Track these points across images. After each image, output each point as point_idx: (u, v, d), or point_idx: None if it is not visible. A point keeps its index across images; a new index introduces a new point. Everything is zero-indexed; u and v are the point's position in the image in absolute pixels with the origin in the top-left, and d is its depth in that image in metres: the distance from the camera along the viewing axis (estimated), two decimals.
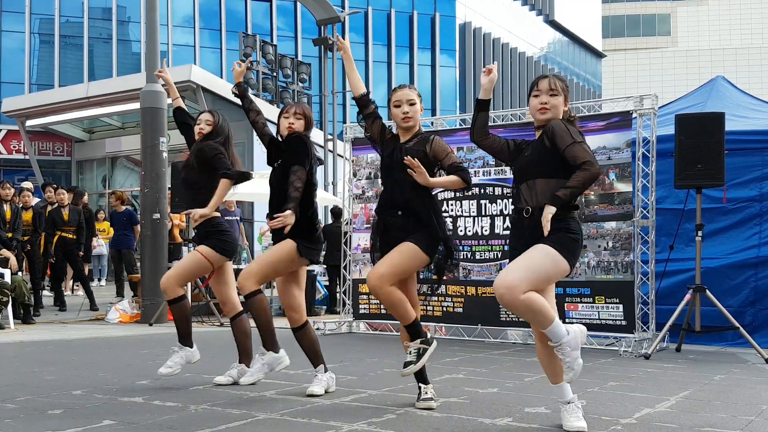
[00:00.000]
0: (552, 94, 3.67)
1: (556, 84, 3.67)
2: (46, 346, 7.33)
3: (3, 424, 3.66)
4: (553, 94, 3.67)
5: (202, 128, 5.03)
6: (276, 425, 3.71)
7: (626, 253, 6.95)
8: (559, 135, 3.59)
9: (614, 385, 5.08)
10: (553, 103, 3.67)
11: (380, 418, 3.90)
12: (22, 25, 32.19)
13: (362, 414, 3.98)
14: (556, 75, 3.80)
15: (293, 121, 4.77)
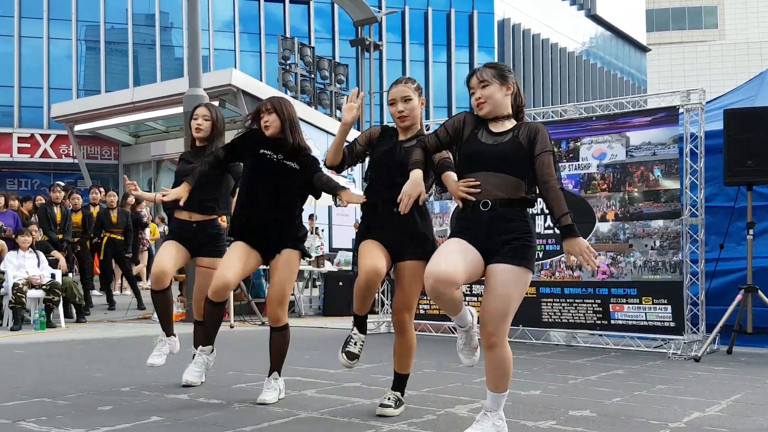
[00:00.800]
0: (483, 85, 3.42)
1: (483, 75, 3.43)
2: (96, 344, 7.48)
3: (55, 420, 3.74)
4: (484, 86, 3.42)
5: (199, 124, 4.86)
6: (317, 423, 3.72)
7: (674, 253, 6.82)
8: (541, 139, 3.36)
9: (663, 389, 4.99)
10: (486, 94, 3.41)
11: (420, 418, 3.88)
12: (68, 32, 32.88)
13: (402, 414, 3.96)
14: (488, 64, 3.54)
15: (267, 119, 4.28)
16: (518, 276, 3.28)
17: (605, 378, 5.40)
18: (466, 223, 3.39)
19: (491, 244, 3.32)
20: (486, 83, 3.43)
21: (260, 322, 9.82)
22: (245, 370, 5.52)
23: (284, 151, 4.27)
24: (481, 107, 3.43)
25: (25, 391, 4.59)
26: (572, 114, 7.67)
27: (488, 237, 3.32)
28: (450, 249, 3.30)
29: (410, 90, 3.93)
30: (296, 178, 4.31)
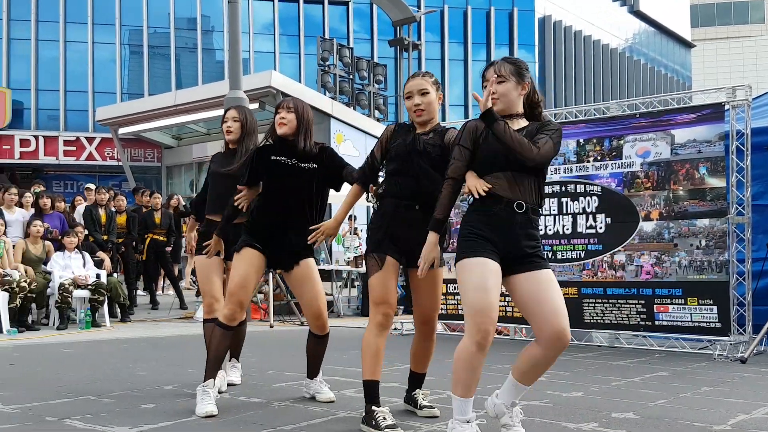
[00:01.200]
0: (500, 81, 3.32)
1: (501, 70, 3.33)
2: (140, 343, 7.60)
3: (99, 418, 3.81)
4: (500, 81, 3.32)
5: (229, 126, 4.80)
6: (356, 423, 3.72)
7: (720, 252, 6.68)
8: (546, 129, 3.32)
9: (708, 391, 4.89)
10: (501, 91, 3.32)
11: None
12: (112, 36, 33.46)
13: (441, 415, 3.95)
14: (507, 59, 3.42)
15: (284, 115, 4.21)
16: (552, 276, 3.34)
17: (649, 380, 5.32)
18: (492, 221, 3.26)
19: (517, 252, 3.26)
20: (503, 79, 3.34)
21: (299, 322, 9.88)
22: (285, 370, 5.56)
23: (297, 155, 4.19)
24: (494, 103, 3.32)
25: (71, 390, 4.68)
26: (615, 111, 7.58)
27: (516, 242, 3.26)
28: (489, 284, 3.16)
29: (427, 83, 3.79)
30: (313, 178, 4.23)
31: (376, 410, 3.59)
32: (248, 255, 4.14)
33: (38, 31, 32.60)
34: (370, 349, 3.66)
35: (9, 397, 4.42)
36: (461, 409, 3.20)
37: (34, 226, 9.31)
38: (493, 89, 3.32)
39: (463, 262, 3.25)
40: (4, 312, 8.28)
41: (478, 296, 3.14)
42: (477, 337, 3.13)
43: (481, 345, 3.14)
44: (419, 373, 4.07)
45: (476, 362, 3.16)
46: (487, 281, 3.16)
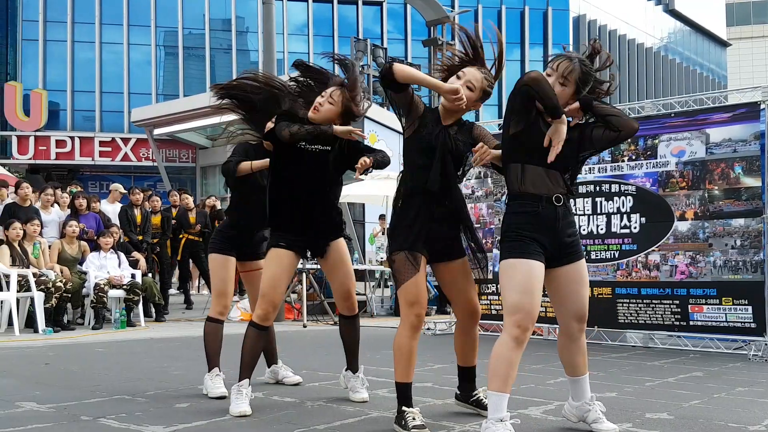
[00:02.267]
0: (562, 83, 3.38)
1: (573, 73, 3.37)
2: (174, 342, 7.69)
3: (134, 417, 3.86)
4: (563, 84, 3.38)
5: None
6: (389, 423, 3.73)
7: (756, 252, 6.58)
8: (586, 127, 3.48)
9: (743, 391, 4.82)
10: (561, 94, 3.38)
11: None
12: (148, 38, 33.90)
13: (475, 415, 3.94)
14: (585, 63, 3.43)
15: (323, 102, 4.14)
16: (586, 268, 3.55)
17: (683, 380, 5.26)
18: (534, 219, 3.33)
19: (560, 243, 3.39)
20: (566, 84, 3.40)
21: (333, 322, 9.92)
22: (318, 369, 5.59)
23: (320, 141, 4.12)
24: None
25: (106, 389, 4.75)
26: (650, 111, 7.50)
27: (558, 236, 3.37)
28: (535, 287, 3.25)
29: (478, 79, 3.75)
30: (331, 159, 4.15)
31: (406, 410, 3.60)
32: (277, 255, 4.13)
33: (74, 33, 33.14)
34: (403, 351, 3.65)
35: (44, 396, 4.49)
36: (497, 405, 3.22)
37: (70, 226, 9.46)
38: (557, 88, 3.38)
39: (510, 262, 3.30)
40: (40, 312, 8.42)
41: (523, 299, 3.24)
42: (516, 332, 3.23)
43: (519, 340, 3.23)
44: (469, 366, 4.00)
45: (514, 357, 3.23)
46: (534, 284, 3.27)
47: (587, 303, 3.51)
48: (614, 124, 3.36)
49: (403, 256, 3.63)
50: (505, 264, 3.33)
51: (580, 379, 3.58)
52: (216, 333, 4.67)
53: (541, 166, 3.35)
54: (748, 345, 6.67)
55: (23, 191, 9.65)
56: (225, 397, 4.34)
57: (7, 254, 8.58)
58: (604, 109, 3.40)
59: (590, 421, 3.55)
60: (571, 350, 3.56)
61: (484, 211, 8.45)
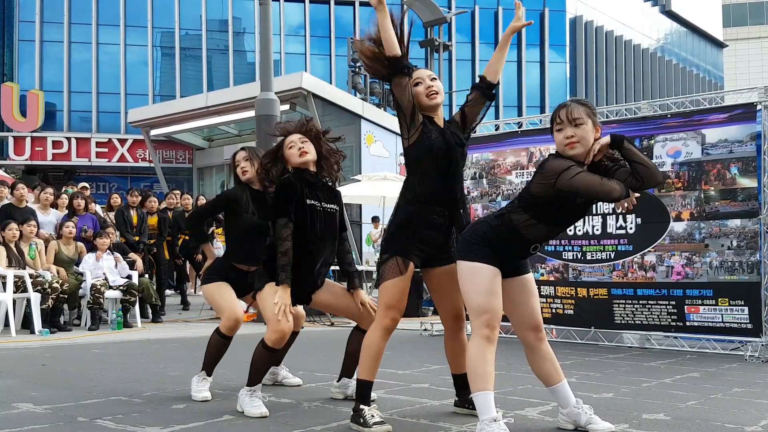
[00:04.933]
0: (577, 123, 3.29)
1: (575, 112, 3.29)
2: (171, 343, 7.68)
3: (130, 418, 3.86)
4: (578, 124, 3.29)
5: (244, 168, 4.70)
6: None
7: (752, 253, 6.60)
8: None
9: (739, 392, 4.83)
10: (580, 134, 3.29)
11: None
12: (144, 38, 33.88)
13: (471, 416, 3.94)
14: (578, 100, 3.40)
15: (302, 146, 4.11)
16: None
17: (680, 381, 5.27)
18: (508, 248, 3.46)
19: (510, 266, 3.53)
20: (579, 122, 3.31)
21: (329, 323, 9.92)
22: (315, 370, 5.59)
23: (322, 194, 4.14)
24: (573, 146, 3.30)
25: (102, 390, 4.75)
26: (646, 112, 7.51)
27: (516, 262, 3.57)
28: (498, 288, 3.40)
29: (433, 73, 3.79)
30: (336, 220, 4.24)
31: (364, 408, 3.63)
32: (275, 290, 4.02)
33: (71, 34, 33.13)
34: (372, 350, 3.71)
35: (41, 397, 4.48)
36: (485, 404, 3.26)
37: (66, 227, 9.44)
38: (570, 133, 3.30)
39: (476, 266, 3.39)
40: (36, 313, 8.40)
41: (490, 300, 3.36)
42: (485, 332, 3.34)
43: (490, 339, 3.35)
44: (461, 373, 3.93)
45: (488, 355, 3.32)
46: (497, 287, 3.40)
47: (539, 313, 3.61)
48: (641, 174, 3.21)
49: (395, 261, 3.67)
50: (472, 267, 3.39)
51: (558, 387, 3.60)
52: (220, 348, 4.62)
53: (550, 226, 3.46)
54: (744, 346, 6.68)
55: (19, 192, 9.64)
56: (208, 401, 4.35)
57: (4, 255, 8.56)
58: (635, 155, 3.24)
59: (584, 424, 3.56)
60: (536, 361, 3.60)
61: (479, 211, 8.45)
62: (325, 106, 17.92)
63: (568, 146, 3.30)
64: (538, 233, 3.44)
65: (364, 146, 18.20)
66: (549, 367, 3.58)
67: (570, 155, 3.30)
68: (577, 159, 3.30)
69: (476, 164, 8.53)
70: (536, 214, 3.40)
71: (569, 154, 3.31)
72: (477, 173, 8.51)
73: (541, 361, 3.59)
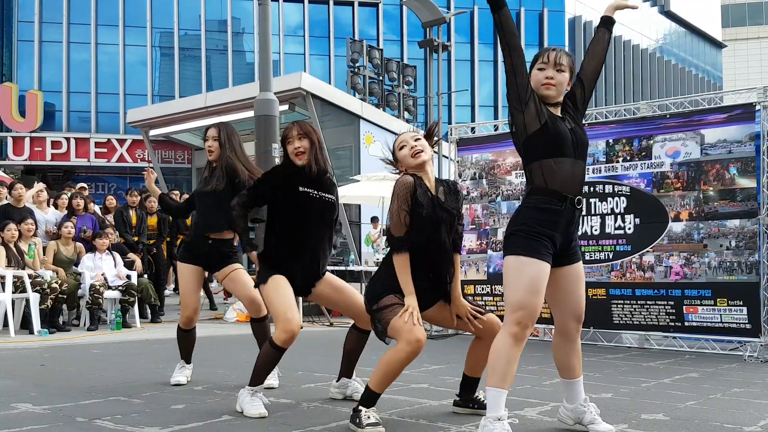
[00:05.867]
0: (558, 69, 3.42)
1: (563, 59, 3.44)
2: (169, 343, 7.65)
3: (129, 419, 3.85)
4: (559, 70, 3.42)
5: (210, 146, 4.95)
6: (385, 424, 3.73)
7: (751, 253, 6.61)
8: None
9: (738, 392, 4.84)
10: (560, 80, 3.42)
11: None
12: (143, 39, 33.86)
13: (471, 416, 3.95)
14: (565, 51, 3.52)
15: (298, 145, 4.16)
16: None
17: (679, 381, 5.27)
18: (555, 217, 3.31)
19: (565, 245, 3.42)
20: (563, 69, 3.44)
21: (329, 323, 9.92)
22: (314, 371, 5.59)
23: (318, 184, 4.18)
24: (549, 87, 3.41)
25: (101, 390, 4.75)
26: (645, 112, 7.52)
27: (568, 237, 3.42)
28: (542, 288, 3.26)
29: (417, 133, 3.88)
30: (334, 210, 4.28)
31: (362, 409, 3.64)
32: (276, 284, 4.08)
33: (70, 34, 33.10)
34: (392, 369, 3.65)
35: (40, 397, 4.48)
36: (495, 402, 3.23)
37: (65, 227, 9.44)
38: (551, 74, 3.42)
39: (521, 260, 3.28)
40: (35, 313, 8.40)
41: (529, 297, 3.24)
42: (515, 330, 3.24)
43: (518, 337, 3.24)
44: (475, 377, 4.00)
45: (513, 354, 3.24)
46: (541, 285, 3.27)
47: (583, 303, 3.52)
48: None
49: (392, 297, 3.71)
50: (515, 260, 3.29)
51: (574, 381, 3.59)
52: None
53: (569, 157, 3.35)
54: (743, 346, 6.69)
55: (17, 192, 9.63)
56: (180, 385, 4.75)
57: (3, 255, 8.56)
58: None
59: (586, 423, 3.56)
60: (567, 352, 3.55)
61: (479, 212, 8.46)
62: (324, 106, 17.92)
63: (544, 86, 3.42)
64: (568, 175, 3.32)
65: (363, 146, 18.19)
66: (575, 360, 3.55)
67: (543, 94, 3.41)
68: (546, 100, 3.41)
69: (476, 164, 8.53)
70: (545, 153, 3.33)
71: (542, 93, 3.41)
72: (477, 173, 8.52)
73: (572, 353, 3.54)
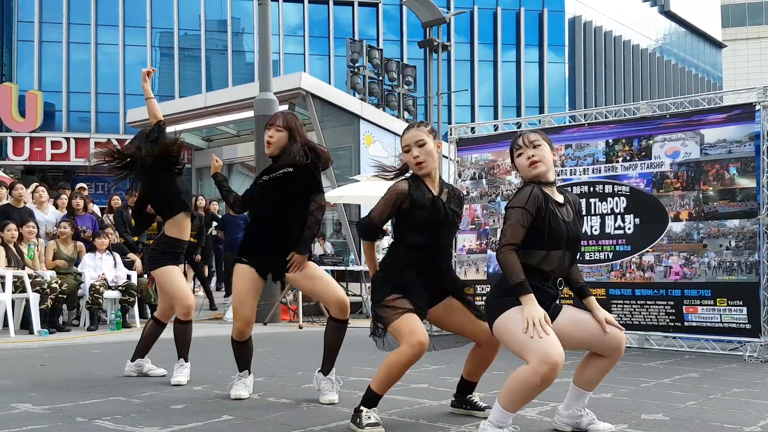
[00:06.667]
0: (535, 145, 3.41)
1: (531, 137, 3.44)
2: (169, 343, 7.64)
3: (129, 419, 3.85)
4: (536, 146, 3.41)
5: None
6: (384, 424, 3.73)
7: (750, 253, 6.61)
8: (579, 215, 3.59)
9: (738, 392, 4.84)
10: (540, 154, 3.41)
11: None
12: (143, 39, 33.88)
13: (471, 416, 3.95)
14: (532, 129, 3.60)
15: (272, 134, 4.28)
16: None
17: (679, 381, 5.28)
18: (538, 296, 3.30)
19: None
20: (537, 143, 3.43)
21: None
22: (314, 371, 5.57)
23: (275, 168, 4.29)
24: (536, 166, 3.40)
25: (101, 390, 4.75)
26: (645, 112, 7.52)
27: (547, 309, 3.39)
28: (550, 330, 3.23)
29: (424, 134, 3.71)
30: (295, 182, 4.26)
31: (363, 409, 3.64)
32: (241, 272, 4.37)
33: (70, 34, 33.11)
34: (394, 371, 3.59)
35: (40, 397, 4.48)
36: (501, 417, 3.22)
37: (62, 227, 9.44)
38: (531, 153, 3.41)
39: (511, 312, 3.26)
40: (35, 313, 8.40)
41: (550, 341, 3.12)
42: (544, 370, 3.07)
43: (546, 380, 3.10)
44: (472, 382, 4.03)
45: (536, 393, 3.18)
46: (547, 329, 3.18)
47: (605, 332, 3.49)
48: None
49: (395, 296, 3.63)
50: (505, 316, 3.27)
51: (583, 392, 3.58)
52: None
53: (560, 250, 3.40)
54: (743, 346, 6.69)
55: (18, 192, 9.64)
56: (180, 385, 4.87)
57: (3, 255, 8.56)
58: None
59: (585, 425, 3.55)
60: (602, 371, 3.53)
61: (478, 211, 8.46)
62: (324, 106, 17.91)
63: (531, 166, 3.41)
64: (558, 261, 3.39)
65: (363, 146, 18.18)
66: (597, 377, 3.54)
67: (534, 174, 3.41)
68: (541, 179, 3.42)
69: (476, 165, 8.53)
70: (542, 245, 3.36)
71: (533, 174, 3.41)
72: (476, 173, 8.52)
73: (606, 372, 3.54)
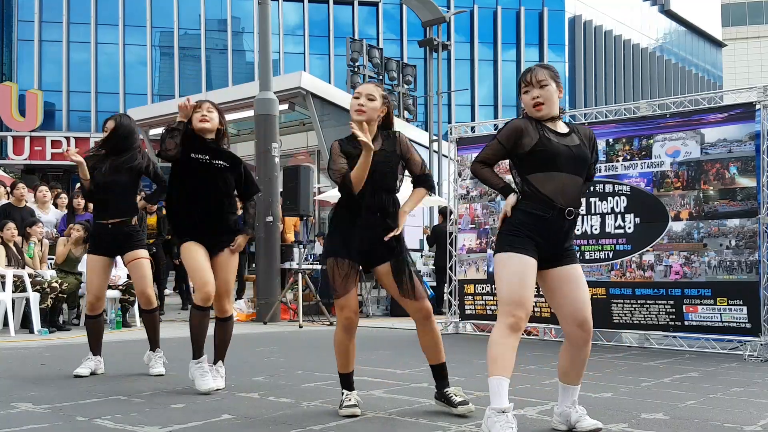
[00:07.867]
0: (542, 85, 3.45)
1: (540, 75, 3.46)
2: (170, 343, 7.65)
3: (129, 418, 3.85)
4: (543, 85, 3.44)
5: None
6: (385, 423, 3.73)
7: (750, 252, 6.61)
8: (596, 148, 3.65)
9: (738, 391, 4.84)
10: (545, 95, 3.45)
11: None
12: (143, 38, 33.87)
13: (471, 415, 3.95)
14: (541, 65, 3.56)
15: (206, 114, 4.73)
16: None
17: (679, 380, 5.27)
18: (542, 225, 3.37)
19: (559, 250, 3.45)
20: (544, 83, 3.46)
21: (328, 322, 9.92)
22: (314, 370, 5.59)
23: (210, 153, 4.64)
24: (540, 109, 3.46)
25: (101, 389, 4.75)
26: (645, 111, 7.52)
27: (559, 244, 3.44)
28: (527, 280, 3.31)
29: (376, 91, 3.95)
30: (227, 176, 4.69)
31: (344, 392, 3.94)
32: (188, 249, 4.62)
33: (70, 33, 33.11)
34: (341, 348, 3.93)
35: (40, 396, 4.48)
36: (497, 390, 3.21)
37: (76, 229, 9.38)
38: (536, 94, 3.45)
39: (505, 255, 3.38)
40: (36, 312, 8.40)
41: (516, 289, 3.30)
42: (510, 320, 3.27)
43: (514, 327, 3.27)
44: (436, 364, 4.07)
45: (510, 342, 3.26)
46: (526, 278, 3.33)
47: (586, 307, 3.43)
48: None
49: (332, 262, 3.84)
50: (500, 257, 3.40)
51: (569, 387, 3.57)
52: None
53: (563, 172, 3.41)
54: (743, 345, 6.69)
55: (19, 191, 9.64)
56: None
57: (3, 255, 8.56)
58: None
59: (574, 422, 3.54)
60: (569, 357, 3.50)
61: (479, 211, 8.46)
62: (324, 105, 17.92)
63: (535, 108, 3.47)
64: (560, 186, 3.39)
65: None
66: (573, 367, 3.52)
67: (537, 116, 3.47)
68: (542, 119, 3.48)
69: None
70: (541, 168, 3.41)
71: (536, 116, 3.47)
72: None
73: (574, 359, 3.50)
